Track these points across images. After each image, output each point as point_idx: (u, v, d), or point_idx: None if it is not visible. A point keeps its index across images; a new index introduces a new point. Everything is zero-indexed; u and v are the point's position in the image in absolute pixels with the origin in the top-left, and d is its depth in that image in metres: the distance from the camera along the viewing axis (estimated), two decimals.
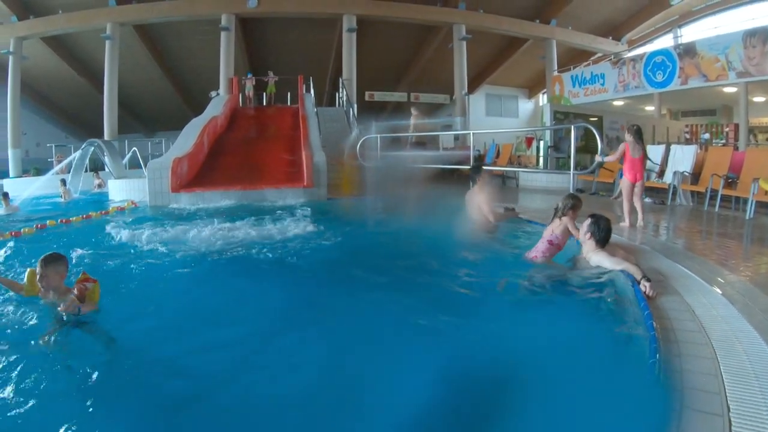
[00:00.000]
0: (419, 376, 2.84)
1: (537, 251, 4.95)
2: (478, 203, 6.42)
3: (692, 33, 23.60)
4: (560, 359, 2.94)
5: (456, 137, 21.91)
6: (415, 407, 2.56)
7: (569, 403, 2.50)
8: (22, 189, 15.16)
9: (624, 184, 7.16)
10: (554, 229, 4.99)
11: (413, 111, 14.72)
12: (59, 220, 8.10)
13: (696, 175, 9.67)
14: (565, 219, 4.96)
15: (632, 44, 27.80)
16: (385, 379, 2.87)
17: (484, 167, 7.07)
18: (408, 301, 3.97)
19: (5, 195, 11.06)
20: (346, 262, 5.61)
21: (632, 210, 6.98)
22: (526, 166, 16.86)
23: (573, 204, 5.03)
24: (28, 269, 3.77)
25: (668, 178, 9.86)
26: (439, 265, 5.09)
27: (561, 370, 2.81)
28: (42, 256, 3.65)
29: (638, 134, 7.13)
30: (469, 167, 8.89)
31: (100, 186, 16.25)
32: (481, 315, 3.77)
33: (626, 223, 6.86)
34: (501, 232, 6.52)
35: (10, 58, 22.57)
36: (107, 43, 21.98)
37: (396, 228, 6.98)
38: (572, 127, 7.01)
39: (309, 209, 8.89)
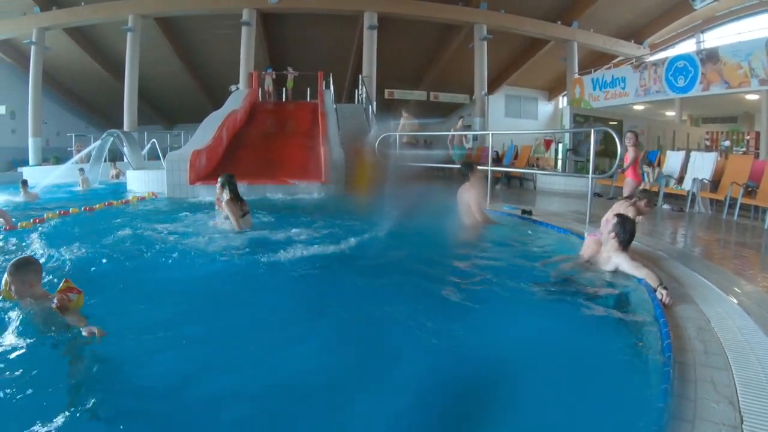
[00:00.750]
0: (420, 376, 2.84)
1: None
2: (468, 200, 6.42)
3: (715, 38, 23.24)
4: (571, 363, 2.93)
5: (474, 137, 21.85)
6: (416, 407, 2.56)
7: (578, 409, 2.50)
8: (42, 177, 15.42)
9: (631, 185, 7.44)
10: (622, 210, 4.92)
11: (404, 112, 14.71)
12: (82, 208, 8.24)
13: (715, 183, 9.57)
14: (633, 208, 5.00)
15: (654, 48, 27.51)
16: (386, 378, 2.86)
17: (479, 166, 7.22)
18: (410, 300, 3.96)
19: (24, 183, 11.23)
20: (351, 258, 5.61)
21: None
22: (544, 169, 16.77)
23: (648, 200, 5.30)
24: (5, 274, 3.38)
25: (687, 185, 9.78)
26: (445, 262, 5.13)
27: (572, 375, 2.81)
28: (11, 261, 3.29)
29: (637, 139, 8.01)
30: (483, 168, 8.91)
31: (117, 176, 16.48)
32: (490, 315, 3.75)
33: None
34: (509, 231, 6.52)
35: (32, 48, 22.87)
36: (129, 35, 22.24)
37: (405, 226, 6.97)
38: (592, 130, 6.98)
39: (325, 205, 8.92)
